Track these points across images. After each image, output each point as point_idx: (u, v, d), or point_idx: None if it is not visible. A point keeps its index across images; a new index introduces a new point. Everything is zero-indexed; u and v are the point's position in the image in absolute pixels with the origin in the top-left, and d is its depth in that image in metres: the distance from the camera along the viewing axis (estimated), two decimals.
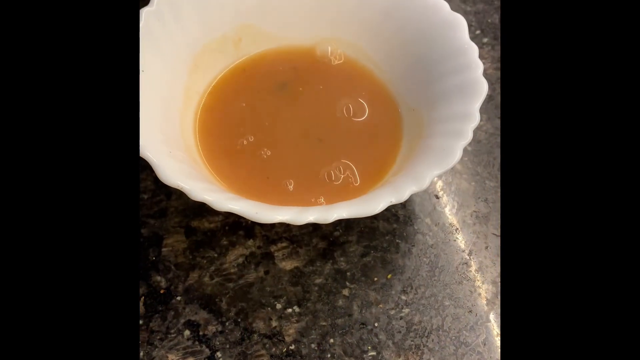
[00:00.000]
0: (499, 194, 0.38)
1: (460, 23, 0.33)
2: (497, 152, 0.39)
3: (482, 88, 0.30)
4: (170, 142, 0.30)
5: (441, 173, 0.28)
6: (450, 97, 0.32)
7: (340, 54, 0.39)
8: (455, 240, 0.36)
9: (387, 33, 0.36)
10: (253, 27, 0.37)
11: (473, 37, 0.46)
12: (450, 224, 0.36)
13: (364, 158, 0.34)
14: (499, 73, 0.44)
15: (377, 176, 0.33)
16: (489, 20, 0.47)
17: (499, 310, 0.33)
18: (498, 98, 0.42)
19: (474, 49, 0.32)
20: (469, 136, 0.29)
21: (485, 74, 0.44)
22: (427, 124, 0.33)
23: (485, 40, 0.46)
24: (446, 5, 0.34)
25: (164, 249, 0.34)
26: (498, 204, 0.37)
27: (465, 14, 0.47)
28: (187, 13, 0.34)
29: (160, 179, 0.27)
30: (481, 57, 0.44)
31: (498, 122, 0.41)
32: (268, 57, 0.38)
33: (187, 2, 0.34)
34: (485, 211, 0.37)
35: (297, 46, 0.38)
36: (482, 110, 0.34)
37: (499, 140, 0.40)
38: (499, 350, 0.32)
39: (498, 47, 0.45)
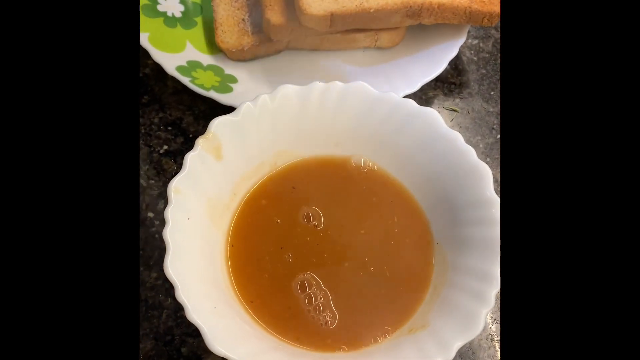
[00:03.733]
0: None
1: (486, 173, 0.35)
2: None
3: None
4: (212, 290, 0.33)
5: (466, 343, 0.30)
6: (472, 249, 0.34)
7: (372, 166, 0.40)
8: None
9: (419, 163, 0.38)
10: (288, 153, 0.39)
11: (494, 142, 0.48)
12: None
13: (395, 295, 0.36)
14: None
15: (407, 311, 0.35)
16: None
17: None
18: None
19: (498, 203, 0.34)
20: (491, 303, 0.31)
21: None
22: (451, 268, 0.35)
23: None
24: (473, 152, 0.36)
25: None
26: None
27: (487, 114, 0.49)
28: (228, 151, 0.36)
29: (208, 347, 0.29)
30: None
31: None
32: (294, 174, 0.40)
33: (227, 142, 0.36)
34: None
35: (332, 159, 0.40)
36: None
37: None
38: None
39: None
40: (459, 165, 0.36)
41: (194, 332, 0.38)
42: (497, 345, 0.39)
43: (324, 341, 0.34)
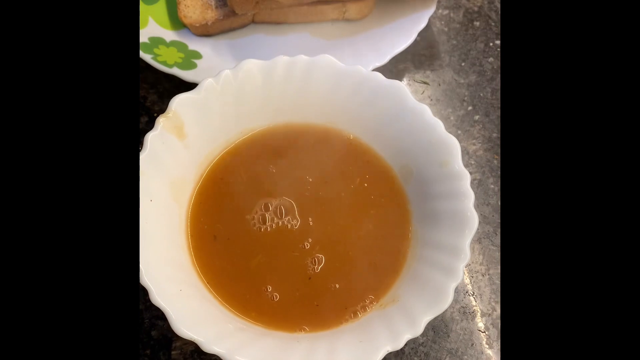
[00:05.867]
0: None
1: (454, 146, 0.34)
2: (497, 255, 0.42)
3: (473, 222, 0.32)
4: (177, 272, 0.32)
5: (434, 317, 0.30)
6: (441, 222, 0.34)
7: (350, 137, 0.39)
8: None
9: (389, 137, 0.37)
10: (254, 131, 0.38)
11: (465, 114, 0.48)
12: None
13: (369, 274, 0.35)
14: (488, 155, 0.45)
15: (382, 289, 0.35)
16: (481, 94, 0.48)
17: None
18: (487, 182, 0.44)
19: (466, 176, 0.34)
20: (460, 276, 0.31)
21: (476, 155, 0.46)
22: (421, 243, 0.35)
23: (476, 117, 0.47)
24: (441, 125, 0.35)
25: (173, 352, 0.36)
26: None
27: (458, 86, 0.49)
28: (191, 130, 0.35)
29: (174, 330, 0.29)
30: (472, 136, 0.46)
31: (486, 208, 0.43)
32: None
33: (190, 120, 0.35)
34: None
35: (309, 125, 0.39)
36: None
37: (495, 225, 0.42)
38: None
39: (489, 126, 0.47)
40: (427, 138, 0.36)
41: (164, 315, 0.37)
42: (470, 318, 0.39)
43: (292, 321, 0.34)
